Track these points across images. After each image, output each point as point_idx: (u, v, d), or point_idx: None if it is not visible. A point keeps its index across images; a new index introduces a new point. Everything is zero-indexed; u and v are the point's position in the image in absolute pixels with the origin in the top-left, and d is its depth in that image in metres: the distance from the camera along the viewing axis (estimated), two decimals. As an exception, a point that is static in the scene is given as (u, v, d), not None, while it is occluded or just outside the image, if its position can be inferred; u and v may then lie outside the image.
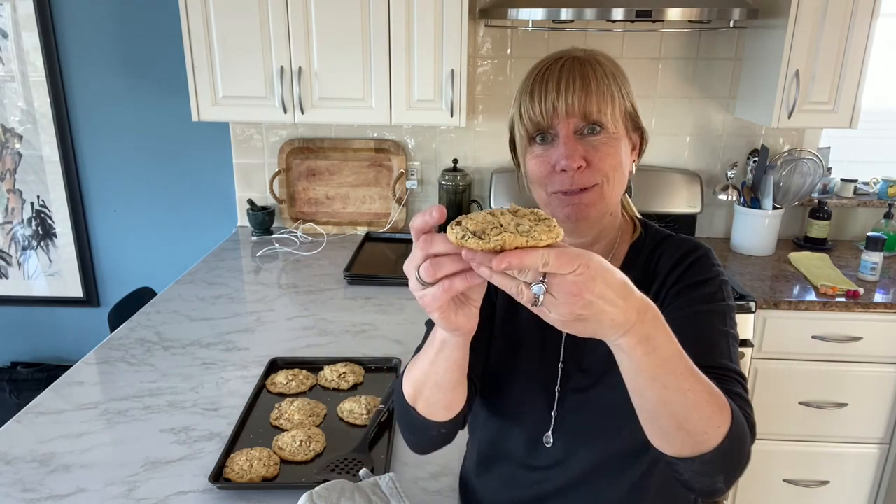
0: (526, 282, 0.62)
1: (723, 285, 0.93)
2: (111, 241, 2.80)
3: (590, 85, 0.88)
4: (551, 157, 0.89)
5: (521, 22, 2.33)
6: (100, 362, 1.62)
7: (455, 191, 2.54)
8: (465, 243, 0.62)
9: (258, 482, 1.15)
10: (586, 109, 0.88)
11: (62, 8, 2.50)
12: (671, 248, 0.97)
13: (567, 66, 0.90)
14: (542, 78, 0.91)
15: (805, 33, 2.09)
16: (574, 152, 0.88)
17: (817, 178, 2.43)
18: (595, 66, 0.90)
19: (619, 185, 0.93)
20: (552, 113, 0.89)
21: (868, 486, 2.31)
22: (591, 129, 0.89)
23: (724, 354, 0.88)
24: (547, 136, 0.91)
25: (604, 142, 0.89)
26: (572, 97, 0.88)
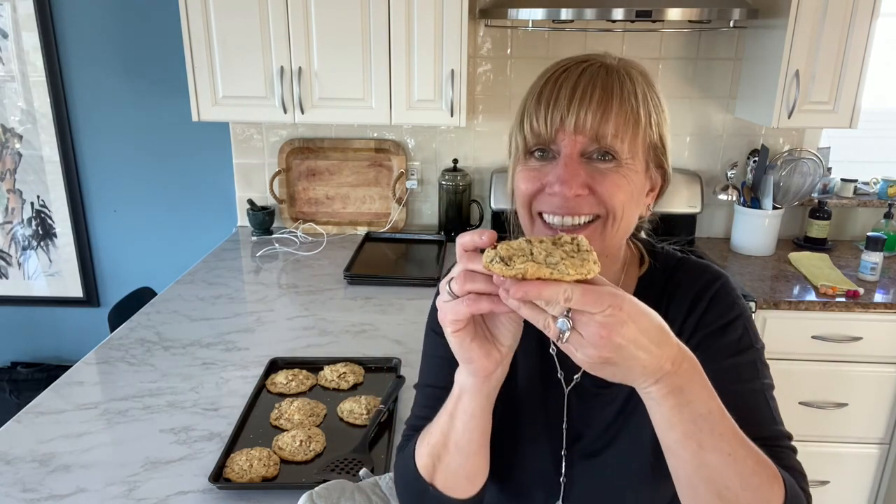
0: (553, 315, 0.59)
1: (747, 325, 0.81)
2: (111, 241, 2.80)
3: (610, 101, 0.72)
4: (545, 174, 0.75)
5: (521, 22, 2.33)
6: (100, 362, 1.62)
7: (455, 191, 2.54)
8: (491, 267, 0.61)
9: (258, 482, 1.16)
10: (600, 131, 0.72)
11: (62, 8, 2.50)
12: (685, 284, 0.84)
13: (589, 72, 0.74)
14: (556, 82, 0.74)
15: (805, 33, 2.09)
16: (574, 177, 0.73)
17: (817, 178, 2.43)
18: (624, 79, 0.74)
19: (626, 226, 0.77)
20: (558, 126, 0.73)
21: (868, 486, 2.31)
22: (602, 155, 0.74)
23: (766, 418, 0.76)
24: (548, 151, 0.75)
25: (614, 171, 0.74)
26: (586, 112, 0.72)
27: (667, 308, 0.83)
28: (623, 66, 0.76)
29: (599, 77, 0.74)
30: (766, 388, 0.80)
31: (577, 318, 0.58)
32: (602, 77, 0.74)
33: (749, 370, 0.79)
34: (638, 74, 0.77)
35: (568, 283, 0.58)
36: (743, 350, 0.79)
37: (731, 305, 0.82)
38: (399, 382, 1.46)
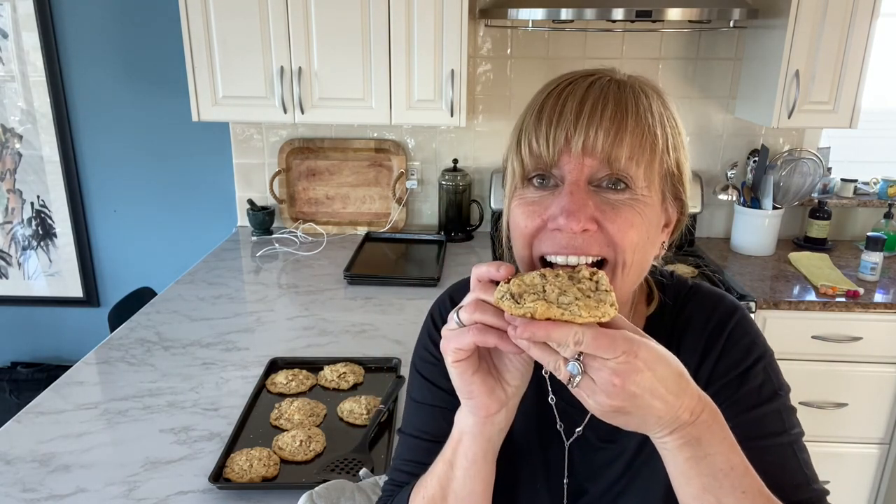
0: (565, 357, 0.55)
1: (768, 368, 0.73)
2: (111, 241, 2.80)
3: (625, 118, 0.62)
4: (546, 206, 0.64)
5: (521, 22, 2.33)
6: (100, 362, 1.62)
7: (455, 191, 2.54)
8: (501, 303, 0.57)
9: (258, 482, 1.15)
10: (613, 153, 0.62)
11: (62, 8, 2.50)
12: (697, 322, 0.76)
13: (598, 84, 0.64)
14: (560, 95, 0.64)
15: (805, 33, 2.09)
16: (581, 208, 0.62)
17: (817, 178, 2.43)
18: (640, 94, 0.64)
19: (638, 270, 0.67)
20: (562, 147, 0.63)
21: (868, 486, 2.31)
22: (614, 182, 0.64)
23: (797, 476, 0.69)
24: (548, 178, 0.65)
25: (627, 204, 0.63)
26: (596, 130, 0.61)
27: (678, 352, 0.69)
28: (636, 82, 0.67)
29: (611, 91, 0.64)
30: (795, 441, 0.72)
31: (588, 363, 0.54)
32: (614, 91, 0.64)
33: (774, 422, 0.71)
34: (653, 91, 0.67)
35: (580, 325, 0.54)
36: (766, 400, 0.72)
37: (750, 347, 0.74)
38: (399, 382, 1.46)
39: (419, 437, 0.80)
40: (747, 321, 0.76)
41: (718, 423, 0.59)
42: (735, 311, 0.76)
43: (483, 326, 0.58)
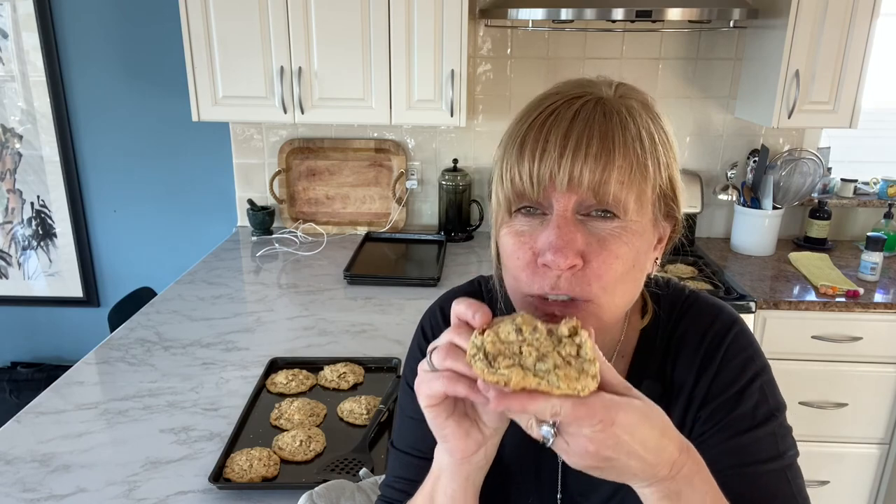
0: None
1: (765, 387, 0.73)
2: (111, 241, 2.80)
3: (612, 153, 0.60)
4: (536, 237, 0.63)
5: (521, 22, 2.33)
6: (100, 362, 1.62)
7: (455, 191, 2.54)
8: (473, 364, 0.53)
9: (258, 482, 1.16)
10: (600, 187, 0.60)
11: (62, 8, 2.50)
12: (692, 336, 0.74)
13: (583, 113, 0.62)
14: (544, 126, 0.62)
15: (805, 33, 2.09)
16: (569, 244, 0.60)
17: (817, 178, 2.43)
18: (626, 120, 0.62)
19: (625, 296, 0.66)
20: (547, 184, 0.61)
21: (868, 486, 2.31)
22: (603, 213, 0.62)
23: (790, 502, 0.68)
24: (535, 208, 0.64)
25: (614, 234, 0.62)
26: (581, 168, 0.60)
27: (673, 369, 0.74)
28: (623, 101, 0.64)
29: (596, 121, 0.61)
30: (790, 465, 0.71)
31: (563, 428, 0.52)
32: (599, 121, 0.61)
33: (769, 446, 0.70)
34: (640, 107, 0.64)
35: (557, 396, 0.51)
36: (761, 422, 0.70)
37: (746, 364, 0.72)
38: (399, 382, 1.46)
39: (411, 453, 0.79)
40: (745, 335, 0.74)
41: (701, 476, 0.58)
42: (733, 324, 0.75)
43: (454, 375, 0.55)
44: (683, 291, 0.78)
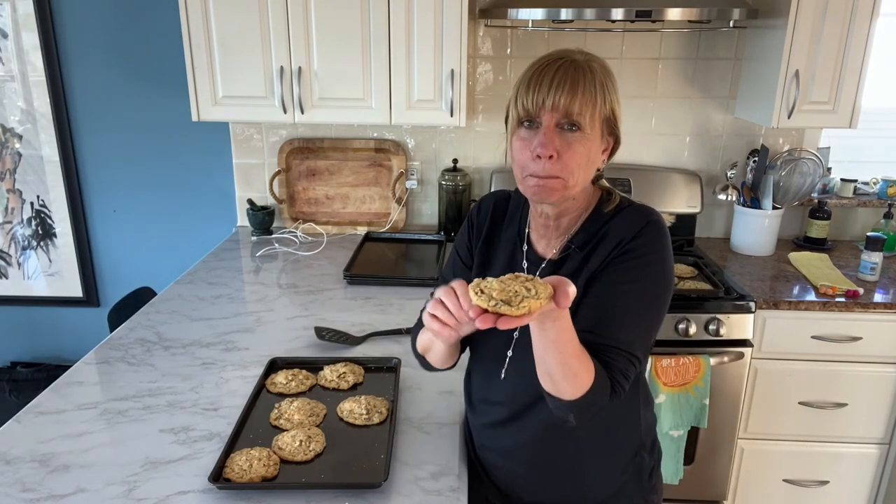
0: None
1: (657, 265, 1.07)
2: (111, 241, 2.80)
3: (577, 89, 1.01)
4: (532, 142, 1.03)
5: (521, 22, 2.33)
6: (100, 362, 1.62)
7: (455, 191, 2.54)
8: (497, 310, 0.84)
9: (258, 482, 1.15)
10: (569, 109, 1.01)
11: (62, 8, 2.50)
12: (623, 218, 1.10)
13: (563, 67, 1.02)
14: (540, 74, 1.03)
15: (805, 33, 2.09)
16: (549, 143, 1.02)
17: (817, 178, 2.43)
18: (587, 72, 1.02)
19: (583, 177, 1.06)
20: (541, 105, 1.02)
21: (868, 486, 2.31)
22: (570, 126, 1.02)
23: (618, 332, 1.04)
24: (533, 123, 1.04)
25: (577, 140, 1.03)
26: (560, 95, 1.00)
27: (601, 233, 1.10)
28: (587, 62, 1.04)
29: (570, 71, 1.02)
30: (638, 314, 1.06)
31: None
32: (572, 71, 1.02)
33: (635, 296, 1.06)
34: (598, 66, 1.04)
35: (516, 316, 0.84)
36: (638, 280, 1.06)
37: (652, 243, 1.07)
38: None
39: (444, 279, 1.24)
40: (659, 229, 1.08)
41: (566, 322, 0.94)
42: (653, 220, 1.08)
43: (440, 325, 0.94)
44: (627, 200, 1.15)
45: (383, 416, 1.35)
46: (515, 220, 1.23)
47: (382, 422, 1.34)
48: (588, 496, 1.22)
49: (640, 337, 1.06)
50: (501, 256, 1.21)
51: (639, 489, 1.24)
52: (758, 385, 2.19)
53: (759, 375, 2.18)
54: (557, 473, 1.21)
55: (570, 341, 0.94)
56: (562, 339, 0.93)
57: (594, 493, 1.22)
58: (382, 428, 1.32)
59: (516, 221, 1.22)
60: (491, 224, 1.24)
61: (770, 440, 2.26)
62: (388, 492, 1.15)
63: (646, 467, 1.25)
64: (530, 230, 1.20)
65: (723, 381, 2.13)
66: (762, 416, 2.23)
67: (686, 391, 2.08)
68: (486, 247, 1.24)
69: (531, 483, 1.23)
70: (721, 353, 2.09)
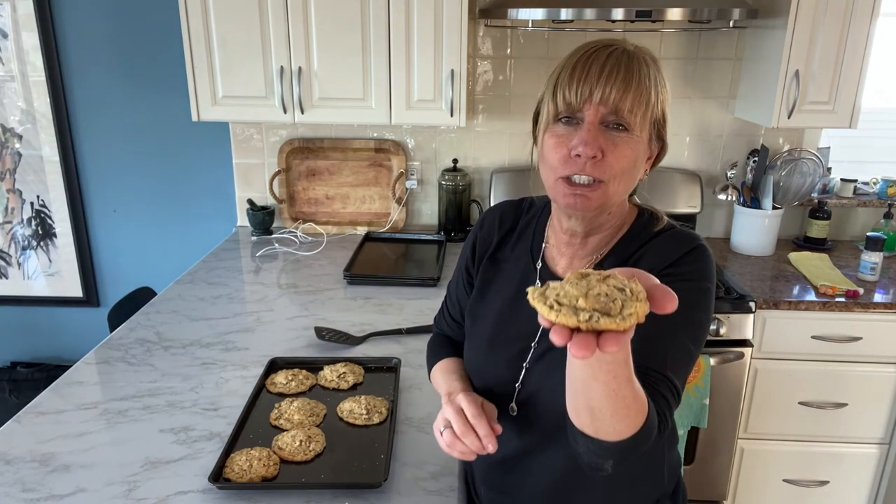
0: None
1: (703, 294, 0.90)
2: (111, 241, 2.80)
3: (631, 82, 0.86)
4: (570, 139, 0.88)
5: (521, 22, 2.33)
6: (99, 362, 1.62)
7: (455, 191, 2.54)
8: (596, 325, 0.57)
9: (258, 482, 1.15)
10: (619, 105, 0.86)
11: (62, 8, 2.50)
12: (664, 241, 0.96)
13: (615, 55, 0.88)
14: (588, 60, 0.88)
15: (805, 33, 2.09)
16: (595, 141, 0.86)
17: (817, 178, 2.43)
18: (642, 64, 0.89)
19: (626, 186, 0.92)
20: (587, 97, 0.87)
21: (868, 486, 2.31)
22: (617, 125, 0.88)
23: (664, 356, 0.86)
24: (573, 118, 0.89)
25: (624, 140, 0.88)
26: (611, 88, 0.86)
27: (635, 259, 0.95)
28: (640, 53, 0.91)
29: (623, 61, 0.87)
30: (683, 345, 0.88)
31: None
32: (626, 60, 0.87)
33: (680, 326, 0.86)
34: (651, 60, 0.91)
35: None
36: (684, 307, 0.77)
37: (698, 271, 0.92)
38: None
39: (451, 297, 1.20)
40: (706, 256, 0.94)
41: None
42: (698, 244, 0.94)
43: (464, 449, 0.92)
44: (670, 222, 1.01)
45: (383, 416, 1.35)
46: (528, 233, 1.07)
47: (382, 422, 1.34)
48: None
49: (683, 367, 0.88)
50: (509, 276, 1.06)
51: None
52: (758, 385, 2.19)
53: (759, 375, 2.18)
54: None
55: (627, 363, 0.70)
56: (618, 361, 0.68)
57: None
58: (382, 428, 1.32)
59: (529, 234, 1.06)
60: (498, 239, 1.09)
61: (770, 440, 2.26)
62: (388, 492, 1.15)
63: None
64: (547, 245, 1.04)
65: (723, 381, 2.13)
66: (762, 416, 2.23)
67: (686, 391, 2.07)
68: (490, 264, 1.09)
69: None
70: (721, 353, 2.09)
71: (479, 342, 1.06)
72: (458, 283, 1.17)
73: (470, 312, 1.10)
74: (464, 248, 1.15)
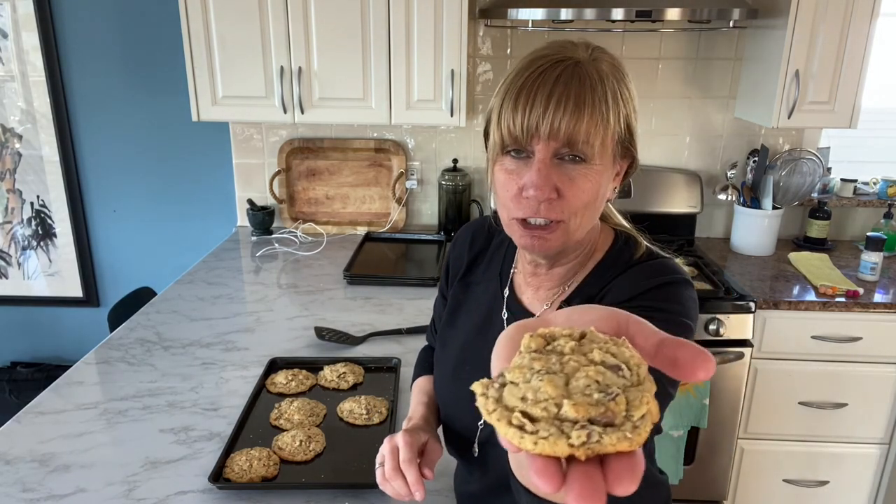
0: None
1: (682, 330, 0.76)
2: (111, 241, 2.80)
3: (583, 108, 0.75)
4: (521, 176, 0.79)
5: (521, 22, 2.33)
6: (99, 362, 1.62)
7: (455, 191, 2.54)
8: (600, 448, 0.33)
9: (258, 482, 1.15)
10: (573, 136, 0.76)
11: (62, 8, 2.50)
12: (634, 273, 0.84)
13: (565, 75, 0.77)
14: (533, 86, 0.77)
15: (805, 33, 2.09)
16: (546, 182, 0.77)
17: (817, 178, 2.43)
18: (596, 83, 0.77)
19: (589, 219, 0.83)
20: (533, 132, 0.76)
21: (868, 486, 2.31)
22: (573, 157, 0.78)
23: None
24: (522, 151, 0.79)
25: (582, 174, 0.78)
26: (560, 118, 0.75)
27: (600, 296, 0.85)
28: (595, 65, 0.78)
29: (574, 82, 0.76)
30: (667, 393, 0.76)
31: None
32: (576, 82, 0.76)
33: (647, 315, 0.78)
34: (609, 69, 0.79)
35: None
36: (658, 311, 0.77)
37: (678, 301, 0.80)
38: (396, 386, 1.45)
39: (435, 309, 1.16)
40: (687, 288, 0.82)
41: None
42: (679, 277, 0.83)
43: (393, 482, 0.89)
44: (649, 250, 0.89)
45: (383, 416, 1.35)
46: (500, 255, 0.99)
47: (382, 422, 1.34)
48: None
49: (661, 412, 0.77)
50: (477, 301, 0.99)
51: None
52: (758, 385, 2.19)
53: (759, 375, 2.18)
54: None
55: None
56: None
57: None
58: (382, 428, 1.32)
59: (500, 256, 0.99)
60: (468, 260, 1.02)
61: (770, 440, 2.26)
62: (388, 492, 1.15)
63: None
64: (516, 271, 0.96)
65: (723, 381, 2.13)
66: (762, 416, 2.23)
67: (686, 391, 2.08)
68: (461, 287, 1.02)
69: None
70: (721, 353, 2.09)
71: (445, 371, 1.01)
72: (439, 300, 1.12)
73: (439, 338, 1.05)
74: (442, 272, 1.10)
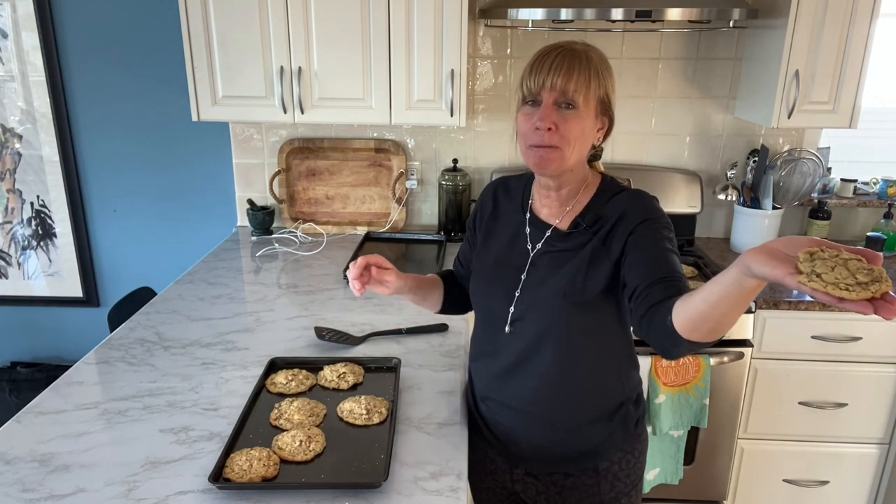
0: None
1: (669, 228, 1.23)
2: (111, 241, 2.80)
3: (572, 72, 1.16)
4: (534, 117, 1.19)
5: (521, 22, 2.33)
6: (99, 362, 1.62)
7: (455, 191, 2.54)
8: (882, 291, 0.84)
9: (258, 482, 1.15)
10: (565, 88, 1.16)
11: (62, 8, 2.50)
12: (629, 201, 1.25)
13: (562, 54, 1.18)
14: (542, 59, 1.19)
15: (805, 33, 2.09)
16: (548, 117, 1.17)
17: (817, 178, 2.43)
18: (583, 59, 1.18)
19: (579, 150, 1.21)
20: (541, 86, 1.18)
21: (868, 486, 2.31)
22: (567, 105, 1.18)
23: (676, 267, 1.16)
24: (536, 101, 1.20)
25: (572, 116, 1.18)
26: (558, 76, 1.16)
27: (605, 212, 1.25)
28: (585, 50, 1.19)
29: (568, 57, 1.18)
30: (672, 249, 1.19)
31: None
32: (569, 57, 1.18)
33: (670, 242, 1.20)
34: (595, 55, 1.20)
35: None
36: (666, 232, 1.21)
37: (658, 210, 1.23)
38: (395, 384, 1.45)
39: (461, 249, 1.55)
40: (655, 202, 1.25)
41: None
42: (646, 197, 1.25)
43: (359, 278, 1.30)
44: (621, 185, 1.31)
45: (383, 416, 1.35)
46: (518, 195, 1.39)
47: (382, 422, 1.34)
48: (580, 440, 1.32)
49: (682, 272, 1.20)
50: (506, 224, 1.39)
51: (625, 437, 1.35)
52: (758, 385, 2.19)
53: (759, 375, 2.18)
54: (553, 419, 1.31)
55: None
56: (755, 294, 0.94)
57: (585, 438, 1.32)
58: (382, 428, 1.32)
59: (519, 196, 1.39)
60: (494, 204, 1.42)
61: (770, 440, 2.26)
62: (387, 492, 1.15)
63: (631, 417, 1.35)
64: (533, 201, 1.35)
65: (723, 381, 2.13)
66: (762, 416, 2.23)
67: (686, 391, 2.08)
68: (492, 221, 1.41)
69: (529, 429, 1.34)
70: (721, 353, 2.09)
71: (485, 273, 1.38)
72: (464, 244, 1.52)
73: (476, 255, 1.42)
74: (469, 220, 1.49)
